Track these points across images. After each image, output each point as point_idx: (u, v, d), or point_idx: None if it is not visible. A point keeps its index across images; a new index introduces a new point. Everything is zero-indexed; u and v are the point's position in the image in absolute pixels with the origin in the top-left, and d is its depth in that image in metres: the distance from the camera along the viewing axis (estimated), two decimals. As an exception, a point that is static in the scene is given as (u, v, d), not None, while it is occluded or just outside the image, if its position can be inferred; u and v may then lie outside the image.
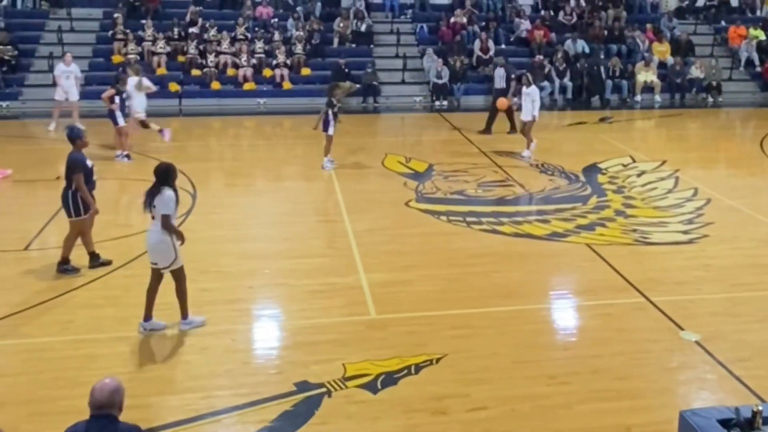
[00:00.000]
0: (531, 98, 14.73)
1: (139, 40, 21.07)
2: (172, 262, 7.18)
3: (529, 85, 14.94)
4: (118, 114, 13.95)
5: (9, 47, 20.26)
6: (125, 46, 20.84)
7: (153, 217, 7.13)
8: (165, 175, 7.11)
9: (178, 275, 7.26)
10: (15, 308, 7.83)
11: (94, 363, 6.74)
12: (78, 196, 8.59)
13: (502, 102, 16.57)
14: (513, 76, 17.36)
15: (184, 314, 7.40)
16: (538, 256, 9.70)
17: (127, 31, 21.17)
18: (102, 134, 14.84)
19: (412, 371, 6.69)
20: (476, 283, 8.73)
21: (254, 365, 6.92)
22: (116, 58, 20.67)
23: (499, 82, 17.71)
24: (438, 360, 6.88)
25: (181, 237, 7.24)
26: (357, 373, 6.63)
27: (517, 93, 16.43)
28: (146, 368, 6.75)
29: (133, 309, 7.77)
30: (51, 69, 19.95)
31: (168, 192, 7.06)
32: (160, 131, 15.02)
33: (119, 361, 6.79)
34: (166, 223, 7.08)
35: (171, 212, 7.10)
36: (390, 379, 6.56)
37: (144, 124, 15.14)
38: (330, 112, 13.38)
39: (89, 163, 8.79)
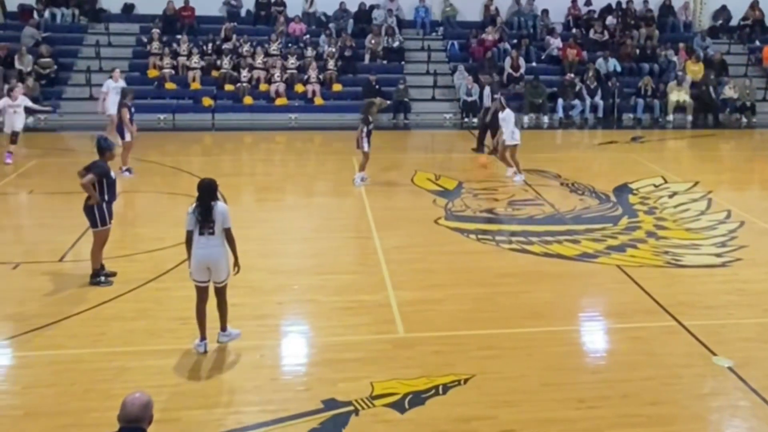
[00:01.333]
0: (507, 122, 14.12)
1: (175, 55, 21.45)
2: (228, 274, 7.28)
3: (503, 109, 14.41)
4: (125, 129, 14.06)
5: (49, 60, 20.70)
6: (161, 60, 21.22)
7: (212, 233, 7.08)
8: (213, 191, 7.17)
9: (225, 289, 7.33)
10: (48, 319, 7.95)
11: (125, 376, 6.81)
12: (102, 207, 8.73)
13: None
14: (495, 96, 17.25)
15: (224, 326, 7.46)
16: (568, 277, 9.63)
17: (163, 46, 21.56)
18: (140, 147, 14.98)
19: (440, 391, 6.66)
20: (505, 303, 8.68)
21: (282, 381, 6.95)
22: (152, 73, 21.08)
23: (487, 101, 17.66)
24: (466, 380, 6.85)
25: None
26: (385, 392, 6.62)
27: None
28: (176, 382, 6.79)
29: (164, 322, 7.90)
30: (88, 83, 20.40)
31: (224, 205, 7.19)
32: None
33: (149, 375, 6.85)
34: (232, 236, 7.18)
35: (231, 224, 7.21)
36: (417, 398, 6.53)
37: (13, 140, 15.18)
38: (365, 129, 13.49)
39: (113, 174, 8.94)
